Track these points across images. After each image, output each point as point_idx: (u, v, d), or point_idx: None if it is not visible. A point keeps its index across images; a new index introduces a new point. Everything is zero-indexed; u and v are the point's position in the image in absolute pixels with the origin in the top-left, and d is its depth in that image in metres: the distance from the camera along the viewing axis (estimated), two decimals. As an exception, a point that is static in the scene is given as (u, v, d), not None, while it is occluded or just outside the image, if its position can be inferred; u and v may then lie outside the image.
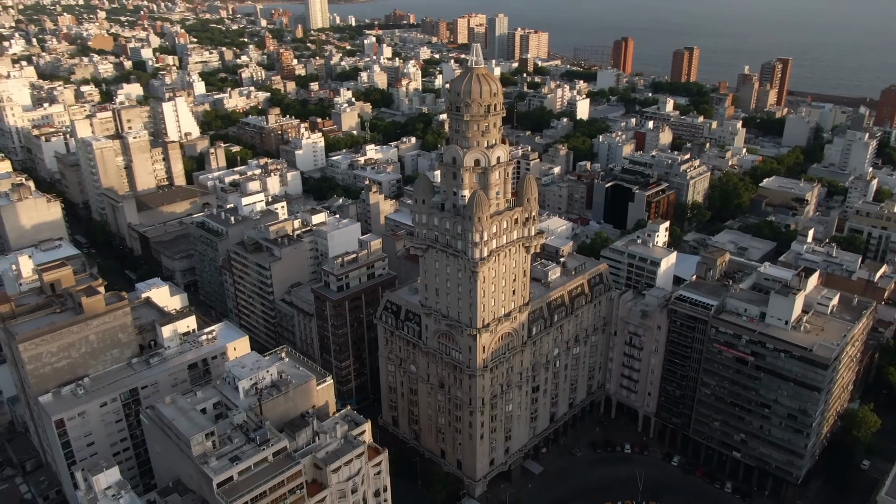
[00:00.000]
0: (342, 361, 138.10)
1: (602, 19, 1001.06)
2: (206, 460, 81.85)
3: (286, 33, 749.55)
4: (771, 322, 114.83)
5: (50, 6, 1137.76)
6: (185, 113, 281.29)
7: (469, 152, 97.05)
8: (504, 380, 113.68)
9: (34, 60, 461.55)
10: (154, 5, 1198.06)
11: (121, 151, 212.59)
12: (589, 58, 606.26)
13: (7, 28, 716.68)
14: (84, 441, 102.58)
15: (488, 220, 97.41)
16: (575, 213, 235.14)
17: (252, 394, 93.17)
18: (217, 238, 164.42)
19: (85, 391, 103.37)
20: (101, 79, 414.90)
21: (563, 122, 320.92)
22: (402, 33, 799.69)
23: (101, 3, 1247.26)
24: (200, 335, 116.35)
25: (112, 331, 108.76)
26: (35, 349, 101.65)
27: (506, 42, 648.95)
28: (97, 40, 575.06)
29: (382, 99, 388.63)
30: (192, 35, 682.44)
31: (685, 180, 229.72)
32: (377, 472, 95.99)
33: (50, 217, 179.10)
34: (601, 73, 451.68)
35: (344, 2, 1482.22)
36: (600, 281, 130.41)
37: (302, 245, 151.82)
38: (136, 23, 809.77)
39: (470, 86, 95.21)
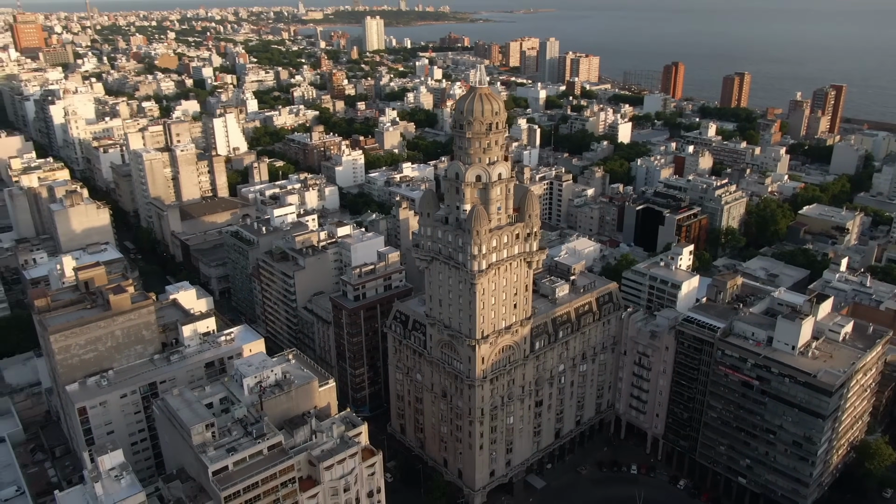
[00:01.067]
0: (356, 369, 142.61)
1: (655, 44, 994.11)
2: (204, 449, 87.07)
3: (342, 55, 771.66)
4: (778, 347, 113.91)
5: (125, 27, 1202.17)
6: (234, 129, 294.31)
7: (470, 168, 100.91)
8: (505, 392, 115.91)
9: (104, 77, 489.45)
10: (221, 27, 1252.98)
11: (169, 163, 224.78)
12: (640, 82, 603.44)
13: (83, 47, 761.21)
14: (104, 429, 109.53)
15: (487, 234, 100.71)
16: (606, 236, 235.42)
17: (256, 391, 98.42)
18: (248, 247, 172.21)
19: (108, 382, 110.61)
20: (163, 95, 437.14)
21: (604, 145, 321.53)
22: (455, 56, 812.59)
23: (172, 24, 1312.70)
24: (219, 336, 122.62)
25: (136, 327, 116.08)
26: (65, 341, 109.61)
27: (556, 66, 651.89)
28: (163, 59, 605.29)
29: (427, 119, 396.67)
30: (253, 55, 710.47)
31: (719, 205, 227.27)
32: (371, 472, 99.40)
33: (99, 222, 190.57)
34: (648, 98, 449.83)
35: (402, 25, 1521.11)
36: (610, 300, 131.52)
37: (325, 256, 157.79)
38: (201, 43, 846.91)
39: (472, 104, 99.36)
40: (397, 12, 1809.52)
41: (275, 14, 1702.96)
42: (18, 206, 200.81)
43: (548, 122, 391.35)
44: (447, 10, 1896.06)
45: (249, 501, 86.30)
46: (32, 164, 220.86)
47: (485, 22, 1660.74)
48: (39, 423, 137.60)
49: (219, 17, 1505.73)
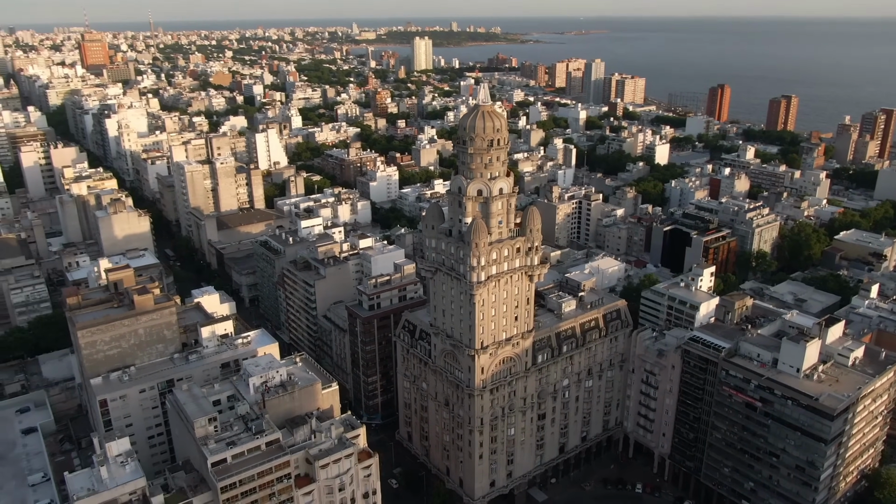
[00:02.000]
0: (369, 377, 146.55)
1: (703, 65, 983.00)
2: (206, 442, 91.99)
3: (390, 74, 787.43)
4: (783, 369, 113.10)
5: (186, 46, 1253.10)
6: (276, 144, 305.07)
7: (472, 183, 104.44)
8: (506, 403, 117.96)
9: (160, 93, 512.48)
10: (276, 46, 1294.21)
11: (209, 175, 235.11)
12: (686, 104, 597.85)
13: (145, 65, 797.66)
14: (123, 421, 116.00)
15: (487, 247, 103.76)
16: (633, 256, 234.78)
17: (261, 390, 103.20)
18: (275, 256, 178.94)
19: (129, 378, 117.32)
20: (213, 111, 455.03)
21: (639, 166, 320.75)
22: (502, 76, 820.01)
23: (231, 43, 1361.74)
24: (237, 339, 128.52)
25: (158, 327, 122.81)
26: (91, 336, 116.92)
27: (601, 87, 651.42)
28: (217, 77, 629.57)
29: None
30: (304, 74, 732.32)
31: (750, 228, 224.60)
32: (367, 474, 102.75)
33: (139, 229, 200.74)
34: (690, 120, 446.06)
35: (453, 45, 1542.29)
36: (618, 317, 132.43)
37: (346, 266, 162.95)
38: (256, 62, 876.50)
39: (475, 121, 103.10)
40: (448, 33, 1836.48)
41: (329, 34, 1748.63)
42: (68, 213, 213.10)
43: (586, 143, 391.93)
44: (498, 31, 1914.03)
45: (245, 494, 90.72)
46: (83, 174, 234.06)
47: (535, 43, 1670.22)
48: (70, 416, 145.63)
49: (275, 37, 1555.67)
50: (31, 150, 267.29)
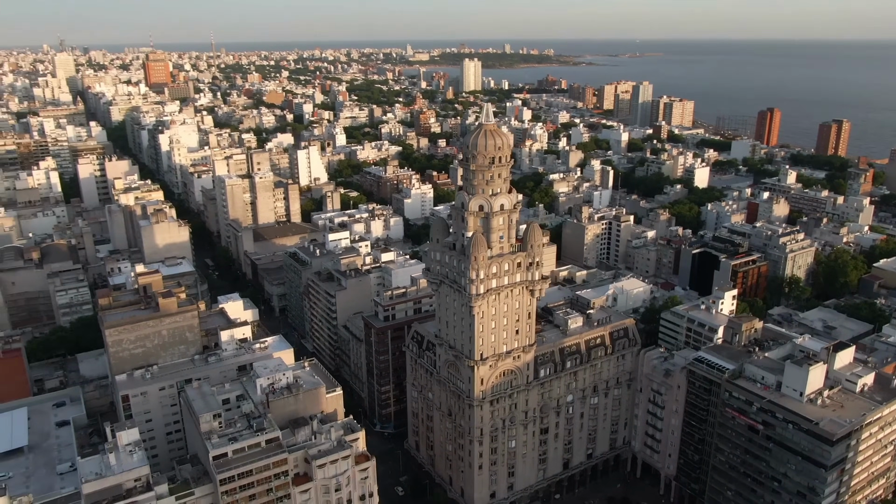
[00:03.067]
0: (382, 386, 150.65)
1: (756, 88, 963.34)
2: (209, 436, 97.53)
3: (438, 94, 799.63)
4: (786, 392, 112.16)
5: (246, 66, 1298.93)
6: (316, 160, 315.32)
7: (473, 198, 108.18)
8: (507, 415, 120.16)
9: (215, 111, 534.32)
10: (332, 67, 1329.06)
11: (248, 189, 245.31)
12: (736, 128, 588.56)
13: (205, 83, 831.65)
14: (144, 417, 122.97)
15: (486, 260, 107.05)
16: (662, 278, 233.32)
17: (267, 391, 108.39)
18: (302, 267, 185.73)
19: (151, 376, 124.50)
20: (263, 128, 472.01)
21: (677, 189, 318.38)
22: (550, 98, 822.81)
23: (288, 63, 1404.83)
24: (255, 343, 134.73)
25: (181, 329, 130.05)
26: (118, 335, 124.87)
27: (649, 109, 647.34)
28: (270, 95, 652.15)
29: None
30: (354, 94, 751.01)
31: (783, 253, 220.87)
32: (364, 477, 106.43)
33: (179, 239, 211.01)
34: (736, 144, 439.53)
35: (505, 67, 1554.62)
36: (625, 335, 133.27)
37: (367, 279, 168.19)
38: (309, 82, 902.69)
39: (477, 140, 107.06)
40: (501, 55, 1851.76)
41: (384, 55, 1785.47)
42: (115, 221, 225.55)
43: (626, 165, 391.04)
44: (551, 54, 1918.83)
45: (244, 487, 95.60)
46: (132, 185, 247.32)
47: (587, 65, 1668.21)
48: (102, 411, 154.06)
49: (331, 58, 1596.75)
50: (87, 163, 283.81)
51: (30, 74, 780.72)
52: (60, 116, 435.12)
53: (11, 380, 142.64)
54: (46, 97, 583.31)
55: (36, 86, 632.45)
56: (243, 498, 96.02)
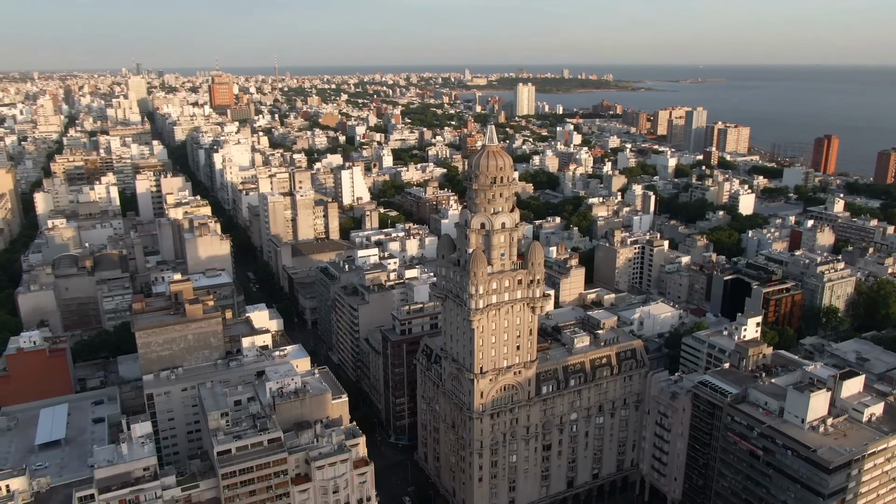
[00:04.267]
0: (397, 398, 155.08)
1: (816, 115, 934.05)
2: (216, 433, 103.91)
3: (491, 118, 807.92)
4: (788, 419, 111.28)
5: (308, 89, 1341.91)
6: (359, 180, 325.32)
7: (475, 216, 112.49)
8: (507, 429, 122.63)
9: (272, 132, 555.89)
10: (390, 90, 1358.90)
11: (289, 206, 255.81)
12: (793, 154, 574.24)
13: (266, 106, 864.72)
14: (167, 415, 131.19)
15: (485, 276, 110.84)
16: (694, 304, 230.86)
17: (275, 394, 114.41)
18: (331, 281, 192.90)
19: (176, 377, 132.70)
20: (315, 149, 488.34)
21: (719, 215, 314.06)
22: (602, 123, 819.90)
23: (349, 87, 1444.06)
24: (275, 351, 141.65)
25: (205, 334, 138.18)
26: (147, 338, 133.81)
27: (703, 135, 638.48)
28: (326, 118, 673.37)
29: (549, 181, 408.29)
30: (408, 117, 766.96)
31: (821, 282, 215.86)
32: (362, 481, 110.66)
33: (220, 252, 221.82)
34: (788, 171, 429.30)
35: (562, 92, 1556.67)
36: (632, 356, 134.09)
37: (390, 293, 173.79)
38: (366, 105, 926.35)
39: (480, 160, 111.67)
40: (559, 80, 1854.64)
41: (443, 80, 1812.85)
42: (164, 234, 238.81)
43: (671, 191, 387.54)
44: (610, 79, 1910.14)
45: (245, 483, 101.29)
46: (183, 200, 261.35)
47: (646, 91, 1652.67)
48: (136, 410, 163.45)
49: (391, 82, 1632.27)
50: (144, 179, 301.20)
51: (106, 96, 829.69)
52: (127, 135, 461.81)
53: (56, 377, 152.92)
54: (118, 117, 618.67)
55: (109, 107, 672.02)
56: (244, 493, 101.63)
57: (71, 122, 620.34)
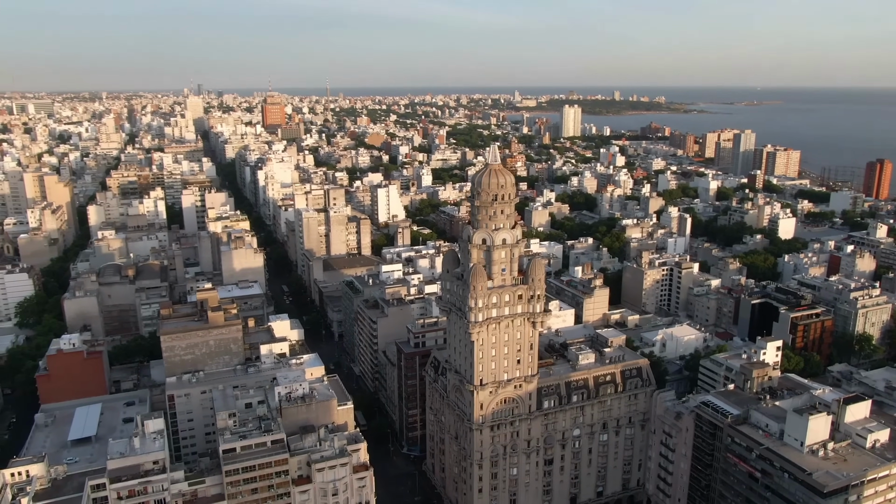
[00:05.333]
0: (410, 410, 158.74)
1: (874, 138, 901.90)
2: (223, 432, 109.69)
3: (535, 140, 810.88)
4: (788, 441, 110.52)
5: (359, 109, 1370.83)
6: (395, 198, 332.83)
7: (477, 232, 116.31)
8: (508, 442, 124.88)
9: (318, 151, 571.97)
10: (439, 111, 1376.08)
11: (323, 222, 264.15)
12: (846, 179, 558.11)
13: (316, 125, 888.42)
14: (187, 416, 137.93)
15: (484, 290, 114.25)
16: (722, 328, 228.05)
17: (283, 398, 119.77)
18: (355, 295, 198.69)
19: (196, 380, 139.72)
20: (358, 167, 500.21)
21: (756, 239, 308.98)
22: (650, 145, 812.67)
23: (399, 108, 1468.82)
24: (291, 359, 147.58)
25: (226, 341, 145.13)
26: (171, 342, 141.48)
27: (751, 158, 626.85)
28: (372, 137, 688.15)
29: (586, 202, 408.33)
30: (454, 137, 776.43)
31: (854, 308, 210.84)
32: (361, 485, 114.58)
33: (254, 264, 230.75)
34: (835, 195, 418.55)
35: (612, 114, 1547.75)
36: (637, 375, 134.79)
37: (408, 307, 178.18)
38: (413, 125, 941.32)
39: (482, 178, 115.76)
40: (609, 102, 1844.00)
41: (492, 101, 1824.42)
42: (203, 246, 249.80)
43: (711, 213, 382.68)
44: (662, 101, 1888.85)
45: (247, 481, 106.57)
46: (223, 215, 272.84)
47: (699, 113, 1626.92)
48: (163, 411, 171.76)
49: (441, 103, 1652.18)
50: (190, 194, 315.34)
51: (165, 115, 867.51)
52: (181, 152, 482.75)
53: (92, 378, 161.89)
54: (174, 135, 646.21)
55: (167, 125, 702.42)
56: (247, 490, 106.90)
57: (131, 140, 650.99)
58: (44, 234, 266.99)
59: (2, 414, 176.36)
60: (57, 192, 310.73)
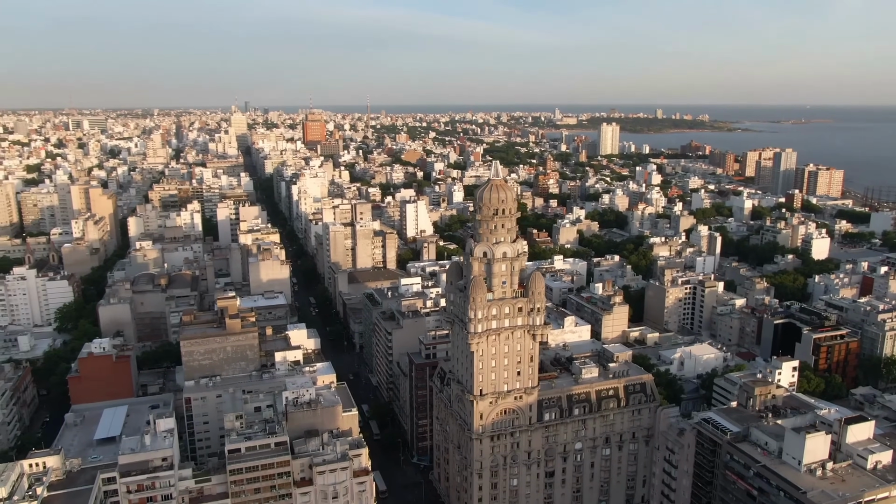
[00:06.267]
0: (420, 420, 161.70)
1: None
2: (230, 433, 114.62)
3: (571, 157, 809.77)
4: (786, 460, 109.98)
5: (400, 126, 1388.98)
6: (423, 214, 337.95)
7: (478, 245, 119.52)
8: (508, 452, 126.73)
9: (355, 167, 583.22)
10: (479, 129, 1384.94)
11: (350, 236, 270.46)
12: (890, 198, 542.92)
13: (356, 142, 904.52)
14: (202, 419, 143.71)
15: (483, 301, 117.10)
16: (745, 347, 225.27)
17: (290, 403, 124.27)
18: (374, 307, 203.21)
19: (213, 384, 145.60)
20: (392, 183, 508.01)
21: (788, 259, 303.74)
22: (688, 163, 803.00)
23: (439, 125, 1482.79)
24: (305, 366, 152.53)
25: (242, 347, 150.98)
26: (190, 347, 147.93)
27: (792, 177, 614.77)
28: (408, 154, 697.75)
29: (616, 220, 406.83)
30: (491, 155, 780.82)
31: (881, 330, 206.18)
32: (361, 489, 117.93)
33: (280, 276, 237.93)
34: (875, 215, 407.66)
35: (654, 132, 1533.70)
36: (641, 390, 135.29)
37: (422, 319, 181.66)
38: (451, 142, 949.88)
39: (483, 193, 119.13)
40: (651, 120, 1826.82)
41: (532, 119, 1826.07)
42: (234, 258, 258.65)
43: (744, 233, 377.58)
44: (706, 119, 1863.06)
45: (250, 480, 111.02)
46: (255, 228, 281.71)
47: (743, 132, 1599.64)
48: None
49: (481, 121, 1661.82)
50: (225, 207, 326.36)
51: (210, 131, 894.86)
52: (221, 167, 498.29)
53: (120, 381, 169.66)
54: (218, 151, 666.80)
55: (212, 141, 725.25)
56: (250, 489, 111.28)
57: (177, 155, 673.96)
58: (86, 244, 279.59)
59: (37, 413, 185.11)
60: (101, 204, 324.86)
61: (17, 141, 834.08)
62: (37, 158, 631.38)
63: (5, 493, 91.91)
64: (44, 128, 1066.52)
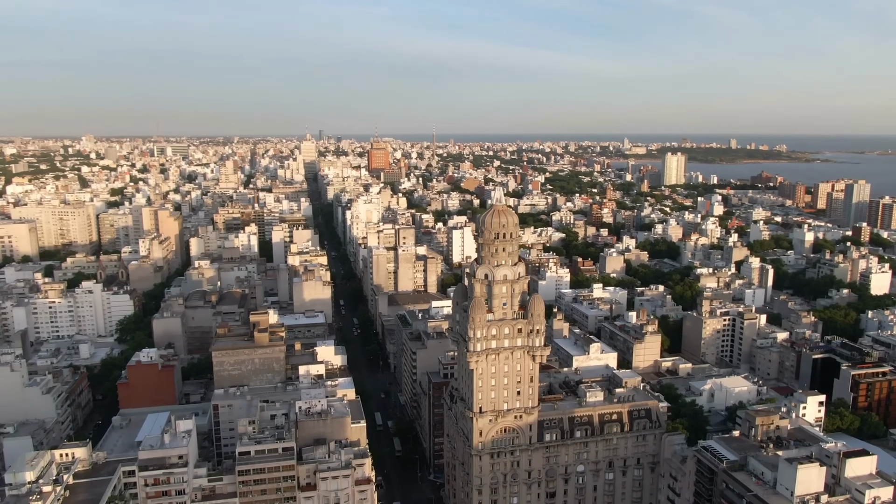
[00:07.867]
0: (437, 437, 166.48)
1: None
2: (242, 437, 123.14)
3: (633, 187, 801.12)
4: (780, 491, 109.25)
5: (466, 154, 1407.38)
6: (469, 240, 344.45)
7: (480, 267, 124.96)
8: (508, 470, 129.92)
9: (413, 194, 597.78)
10: (545, 157, 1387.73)
11: (392, 259, 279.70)
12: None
13: (420, 170, 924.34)
14: (228, 426, 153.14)
15: (483, 321, 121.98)
16: (783, 382, 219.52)
17: (302, 411, 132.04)
18: (404, 328, 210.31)
19: (240, 394, 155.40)
20: (446, 210, 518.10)
21: (843, 293, 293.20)
22: (756, 195, 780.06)
23: (506, 154, 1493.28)
24: (327, 380, 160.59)
25: (269, 360, 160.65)
26: (221, 358, 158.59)
27: (865, 210, 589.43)
28: (467, 182, 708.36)
29: (669, 250, 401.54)
30: (553, 184, 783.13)
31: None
32: (363, 498, 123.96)
33: (322, 296, 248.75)
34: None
35: (727, 162, 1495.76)
36: (646, 416, 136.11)
37: (446, 341, 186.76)
38: (513, 171, 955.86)
39: (485, 217, 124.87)
40: (724, 150, 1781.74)
41: (601, 148, 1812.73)
42: (281, 278, 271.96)
43: (802, 266, 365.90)
44: (783, 150, 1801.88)
45: (257, 482, 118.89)
46: (304, 250, 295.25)
47: (822, 162, 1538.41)
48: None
49: (548, 150, 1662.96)
50: (279, 230, 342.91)
51: (282, 158, 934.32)
52: (285, 193, 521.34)
53: (164, 389, 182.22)
54: (286, 177, 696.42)
55: (281, 168, 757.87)
56: (256, 490, 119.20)
57: (247, 181, 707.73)
58: (150, 262, 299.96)
59: (91, 415, 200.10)
60: (168, 225, 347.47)
61: (106, 166, 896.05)
62: (121, 182, 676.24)
63: (33, 476, 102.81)
64: (132, 154, 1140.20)
